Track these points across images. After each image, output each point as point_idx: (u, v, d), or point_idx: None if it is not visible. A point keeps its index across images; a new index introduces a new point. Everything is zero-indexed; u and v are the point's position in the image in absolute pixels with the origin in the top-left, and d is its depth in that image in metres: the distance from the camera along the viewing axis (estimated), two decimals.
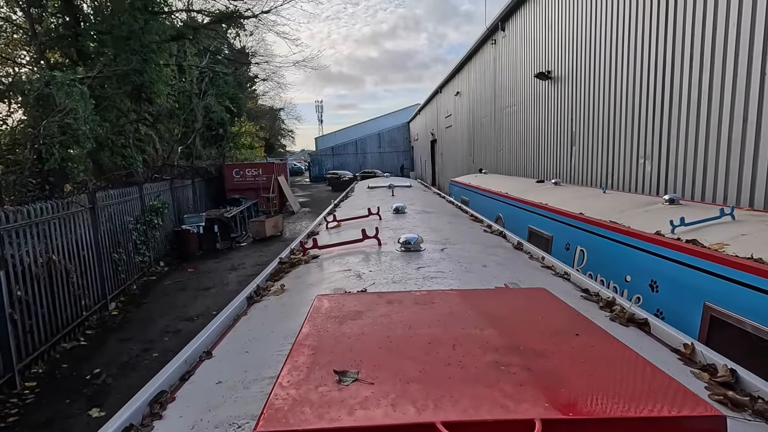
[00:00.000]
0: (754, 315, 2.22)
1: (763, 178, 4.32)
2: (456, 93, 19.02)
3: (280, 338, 1.42)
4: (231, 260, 11.35)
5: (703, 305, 2.57)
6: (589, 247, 3.92)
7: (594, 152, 7.71)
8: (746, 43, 4.45)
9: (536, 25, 10.01)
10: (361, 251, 2.47)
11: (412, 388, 0.84)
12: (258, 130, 29.18)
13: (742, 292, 2.34)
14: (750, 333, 2.22)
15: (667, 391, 0.81)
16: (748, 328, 2.24)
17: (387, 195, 5.55)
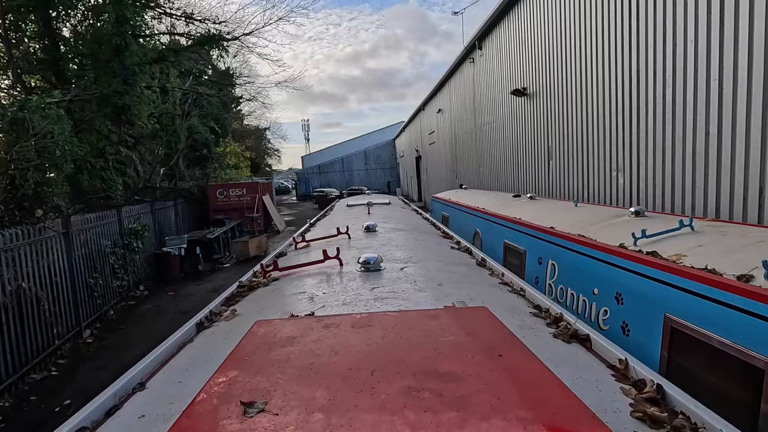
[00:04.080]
0: (709, 325, 2.25)
1: (726, 188, 4.43)
2: (438, 110, 19.33)
3: (215, 367, 1.39)
4: (213, 282, 11.18)
5: (663, 317, 2.60)
6: (559, 260, 3.95)
7: (569, 166, 7.85)
8: (704, 61, 4.62)
9: (511, 44, 10.29)
10: (322, 272, 2.45)
11: (314, 418, 0.83)
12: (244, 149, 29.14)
13: (698, 302, 2.36)
14: (706, 343, 2.24)
15: (569, 413, 0.81)
16: (705, 338, 2.26)
17: (363, 213, 5.56)
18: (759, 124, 4.02)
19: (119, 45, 10.06)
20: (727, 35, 4.30)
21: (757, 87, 4.02)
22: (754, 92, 4.06)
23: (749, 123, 4.12)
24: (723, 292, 2.18)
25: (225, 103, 22.00)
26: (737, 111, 4.25)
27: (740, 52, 4.17)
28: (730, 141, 4.35)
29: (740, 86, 4.20)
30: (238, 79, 21.53)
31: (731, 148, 4.34)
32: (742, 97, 4.19)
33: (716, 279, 2.26)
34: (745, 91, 4.14)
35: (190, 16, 13.08)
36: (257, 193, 18.10)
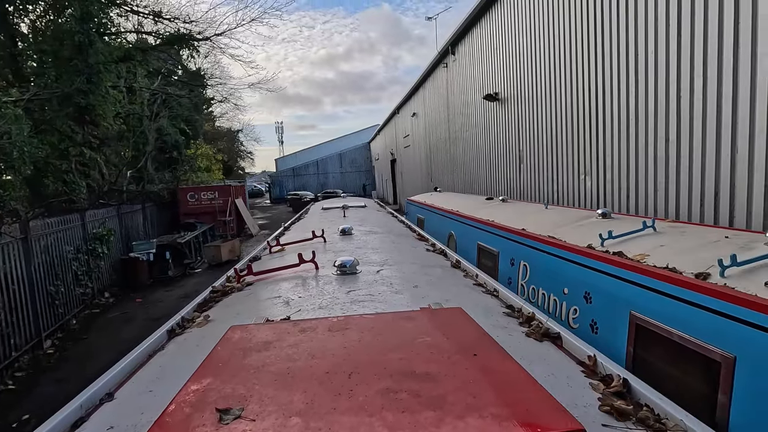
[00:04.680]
0: (671, 321, 2.36)
1: (684, 191, 4.67)
2: (413, 114, 19.50)
3: (189, 374, 1.35)
4: (184, 288, 10.87)
5: (629, 314, 2.71)
6: (530, 261, 4.05)
7: (539, 169, 8.07)
8: (663, 72, 4.86)
9: (483, 50, 10.52)
10: (297, 276, 2.43)
11: (292, 423, 0.83)
12: (216, 152, 28.50)
13: (661, 300, 2.48)
14: (668, 338, 2.35)
15: (541, 408, 0.84)
16: (667, 333, 2.37)
17: (339, 216, 5.54)
18: (713, 132, 4.26)
19: (82, 42, 9.67)
20: (684, 49, 4.54)
21: (711, 98, 4.26)
22: (709, 102, 4.30)
23: (705, 131, 4.36)
24: (683, 290, 2.29)
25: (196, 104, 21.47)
26: (694, 119, 4.49)
27: (696, 64, 4.41)
28: (688, 148, 4.58)
29: (696, 97, 4.44)
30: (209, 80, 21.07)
31: (689, 154, 4.58)
32: (698, 107, 4.43)
33: (677, 277, 2.38)
34: (701, 101, 4.38)
35: (158, 15, 12.73)
36: (230, 196, 17.73)
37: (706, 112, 4.34)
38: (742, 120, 3.97)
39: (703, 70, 4.33)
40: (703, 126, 4.38)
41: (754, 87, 3.84)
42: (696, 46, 4.40)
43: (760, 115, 3.80)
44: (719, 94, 4.18)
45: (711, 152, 4.31)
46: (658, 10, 4.87)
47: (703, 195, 4.41)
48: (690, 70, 4.50)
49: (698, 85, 4.41)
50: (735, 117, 4.04)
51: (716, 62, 4.18)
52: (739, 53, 3.95)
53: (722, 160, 4.19)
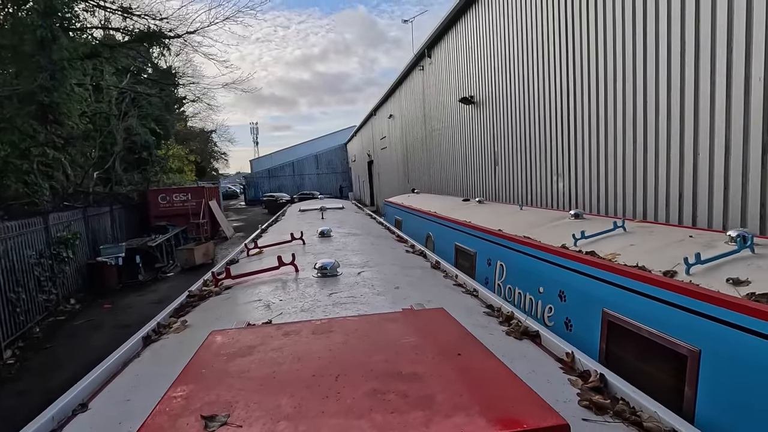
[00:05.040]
0: (641, 317, 2.46)
1: (651, 192, 4.87)
2: (389, 116, 19.58)
3: (169, 381, 1.32)
4: (156, 293, 10.55)
5: (601, 311, 2.80)
6: (507, 261, 4.14)
7: (514, 171, 8.25)
8: (630, 78, 5.06)
9: (459, 54, 10.67)
10: (277, 279, 2.40)
11: (281, 427, 0.82)
12: (188, 153, 27.75)
13: (631, 297, 2.58)
14: (638, 334, 2.45)
15: (526, 405, 0.86)
16: (637, 329, 2.47)
17: (317, 218, 5.50)
18: (677, 137, 4.47)
19: (45, 37, 9.25)
20: (650, 57, 4.74)
21: (675, 105, 4.47)
22: (673, 109, 4.50)
23: (670, 136, 4.57)
24: (652, 287, 2.39)
25: (167, 103, 20.88)
26: (659, 125, 4.69)
27: (661, 70, 4.62)
28: (654, 152, 4.79)
29: (661, 104, 4.64)
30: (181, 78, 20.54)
31: (655, 157, 4.78)
32: (663, 113, 4.63)
33: (646, 275, 2.48)
34: (666, 108, 4.59)
35: (127, 11, 12.31)
36: (203, 197, 17.32)
37: (671, 119, 4.54)
38: (703, 127, 4.18)
39: (668, 78, 4.54)
40: (668, 131, 4.59)
41: (713, 98, 4.05)
42: (660, 55, 4.60)
43: (719, 123, 4.01)
44: (682, 103, 4.39)
45: (675, 156, 4.51)
46: (625, 18, 5.07)
47: (669, 196, 4.62)
48: (655, 78, 4.70)
49: (663, 92, 4.62)
50: (696, 124, 4.24)
51: (679, 72, 4.39)
52: (699, 65, 4.16)
53: (685, 164, 4.40)
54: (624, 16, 5.09)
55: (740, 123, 3.82)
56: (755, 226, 3.71)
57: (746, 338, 1.86)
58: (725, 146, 3.97)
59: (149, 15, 12.49)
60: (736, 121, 3.87)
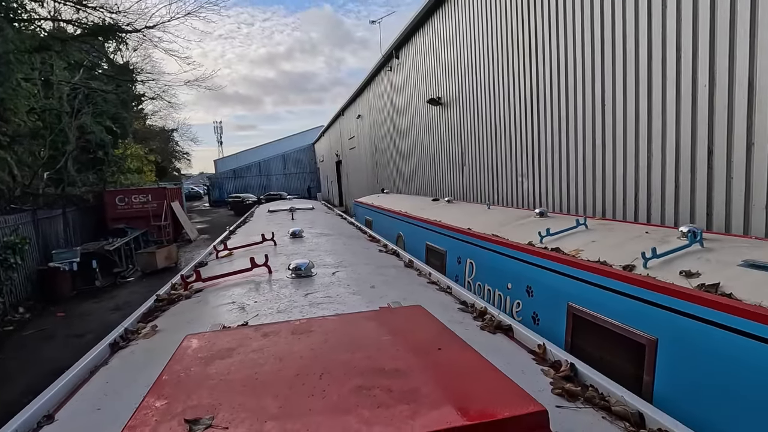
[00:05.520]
0: (603, 310, 2.59)
1: (610, 191, 5.13)
2: (358, 116, 19.56)
3: (143, 388, 1.28)
4: (115, 299, 10.06)
5: (567, 305, 2.93)
6: (476, 259, 4.24)
7: (481, 171, 8.46)
8: (590, 82, 5.31)
9: (426, 55, 10.82)
10: (250, 281, 2.36)
11: (268, 426, 0.82)
12: (147, 152, 26.59)
13: (594, 291, 2.71)
14: (601, 326, 2.58)
15: (506, 394, 0.90)
16: (600, 321, 2.60)
17: (287, 219, 5.43)
18: (633, 138, 4.73)
19: None
20: (607, 61, 5.00)
21: (631, 109, 4.73)
22: (629, 112, 4.76)
23: (626, 138, 4.83)
24: (613, 281, 2.53)
25: (124, 100, 19.94)
26: (617, 127, 4.95)
27: (617, 77, 4.87)
28: (612, 152, 5.05)
29: (618, 107, 4.90)
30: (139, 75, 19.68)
31: (613, 158, 5.04)
32: (620, 116, 4.89)
33: (607, 270, 2.62)
34: (622, 111, 4.84)
35: (80, 2, 11.65)
36: (165, 199, 16.67)
37: (627, 122, 4.80)
38: (656, 130, 4.44)
39: (623, 84, 4.80)
40: (624, 134, 4.85)
41: (664, 103, 4.31)
42: (617, 62, 4.86)
43: (670, 127, 4.28)
44: (637, 107, 4.65)
45: (631, 158, 4.78)
46: (584, 23, 5.31)
47: (626, 195, 4.88)
48: (612, 84, 4.96)
49: (619, 97, 4.87)
50: (650, 127, 4.51)
51: (634, 78, 4.65)
52: (652, 72, 4.42)
53: (640, 165, 4.66)
54: (583, 25, 5.33)
55: (688, 127, 4.10)
56: (703, 222, 3.99)
57: (698, 326, 2.00)
58: (675, 148, 4.25)
59: (104, 8, 11.90)
60: (684, 125, 4.14)
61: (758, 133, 3.52)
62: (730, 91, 3.71)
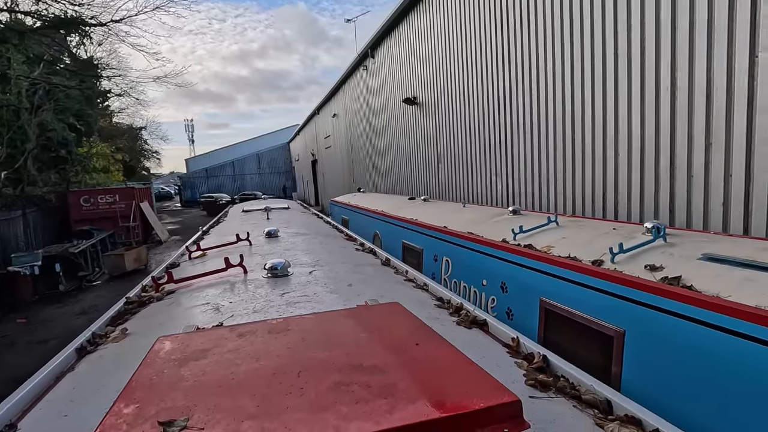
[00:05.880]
0: (573, 303, 2.68)
1: (579, 190, 5.29)
2: (333, 115, 19.45)
3: (113, 393, 1.24)
4: (81, 303, 9.66)
5: (539, 300, 3.01)
6: (452, 256, 4.30)
7: (456, 170, 8.57)
8: (560, 83, 5.47)
9: (401, 55, 10.86)
10: (224, 281, 2.32)
11: (245, 426, 0.81)
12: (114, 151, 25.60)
13: (565, 286, 2.80)
14: (572, 319, 2.67)
15: (482, 386, 0.93)
16: (571, 315, 2.69)
17: (262, 218, 5.35)
18: (601, 139, 4.90)
19: None
20: (576, 65, 5.15)
21: (599, 111, 4.89)
22: (597, 115, 4.93)
23: (594, 138, 5.00)
24: (583, 276, 2.61)
25: (89, 97, 19.12)
26: (585, 128, 5.11)
27: (586, 80, 5.03)
28: (581, 152, 5.21)
29: (587, 108, 5.06)
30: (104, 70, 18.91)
31: (582, 157, 5.21)
32: (588, 118, 5.06)
33: (578, 265, 2.71)
34: (590, 113, 5.01)
35: None
36: (133, 199, 16.12)
37: (595, 123, 4.97)
38: (622, 132, 4.62)
39: (592, 87, 4.96)
40: (593, 135, 5.01)
41: (630, 105, 4.49)
42: (585, 66, 5.02)
43: (635, 128, 4.45)
44: (605, 109, 4.82)
45: (599, 157, 4.95)
46: (554, 26, 5.46)
47: (594, 193, 5.05)
48: (581, 87, 5.12)
49: (588, 100, 5.04)
50: (617, 128, 4.68)
51: (601, 81, 4.81)
52: (618, 75, 4.59)
53: (608, 164, 4.84)
54: (553, 28, 5.48)
55: (652, 128, 4.28)
56: (666, 218, 4.17)
57: (662, 317, 2.10)
58: (640, 149, 4.42)
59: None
60: (648, 127, 4.32)
61: (715, 134, 3.72)
62: (690, 94, 3.89)
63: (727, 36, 3.54)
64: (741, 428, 1.73)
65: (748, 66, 3.42)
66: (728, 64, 3.55)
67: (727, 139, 3.63)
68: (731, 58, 3.53)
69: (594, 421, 1.03)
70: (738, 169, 3.56)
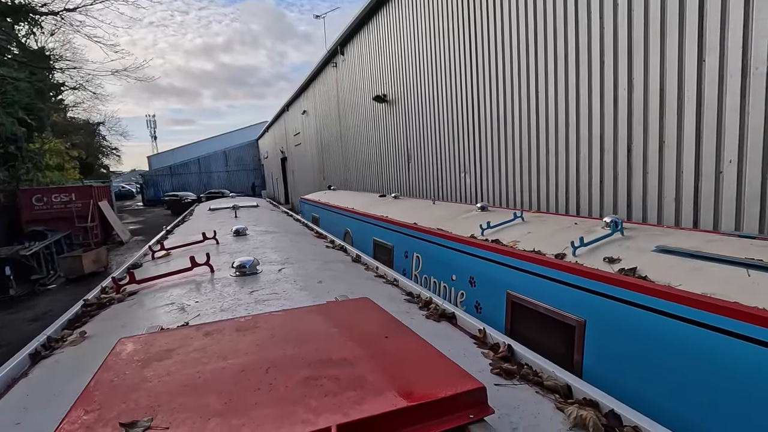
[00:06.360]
0: (538, 296, 2.78)
1: (543, 186, 5.47)
2: (303, 112, 19.21)
3: (70, 398, 1.19)
4: (34, 308, 9.13)
5: (506, 293, 3.10)
6: (423, 253, 4.35)
7: (426, 168, 8.66)
8: (524, 84, 5.62)
9: (371, 53, 10.86)
10: (190, 281, 2.26)
11: (212, 423, 0.80)
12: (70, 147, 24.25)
13: (530, 279, 2.90)
14: (537, 311, 2.76)
15: (448, 375, 0.95)
16: (535, 307, 2.78)
17: (230, 217, 5.23)
18: (564, 138, 5.08)
19: None
20: (540, 66, 5.32)
21: (561, 108, 5.07)
22: (560, 114, 5.11)
23: (557, 137, 5.18)
24: (546, 269, 2.71)
25: (40, 90, 18.04)
26: (549, 127, 5.29)
27: (549, 81, 5.20)
28: (545, 150, 5.39)
29: (551, 109, 5.24)
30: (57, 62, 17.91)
31: (546, 156, 5.39)
32: (552, 117, 5.23)
33: (541, 258, 2.81)
34: (554, 112, 5.18)
35: None
36: (91, 198, 15.36)
37: (558, 123, 5.15)
38: (583, 131, 4.81)
39: (555, 88, 5.13)
40: (556, 134, 5.19)
41: (591, 105, 4.68)
42: (549, 67, 5.18)
43: (596, 128, 4.65)
44: (567, 109, 5.00)
45: (562, 154, 5.13)
46: (519, 28, 5.61)
47: (558, 189, 5.23)
48: (545, 88, 5.29)
49: (551, 101, 5.21)
50: (578, 129, 4.87)
51: (564, 82, 4.99)
52: (580, 76, 4.77)
53: (570, 162, 5.02)
54: (519, 30, 5.63)
55: (611, 127, 4.48)
56: (624, 213, 4.38)
57: (619, 307, 2.21)
58: (600, 147, 4.62)
59: None
60: (608, 125, 4.52)
61: (668, 133, 3.93)
62: (645, 95, 4.10)
63: (678, 40, 3.75)
64: (692, 406, 1.85)
65: (697, 69, 3.63)
66: (679, 66, 3.77)
67: (678, 138, 3.85)
68: (682, 61, 3.74)
69: (555, 405, 1.08)
70: (688, 167, 3.79)
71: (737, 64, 3.36)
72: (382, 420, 0.80)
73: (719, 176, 3.58)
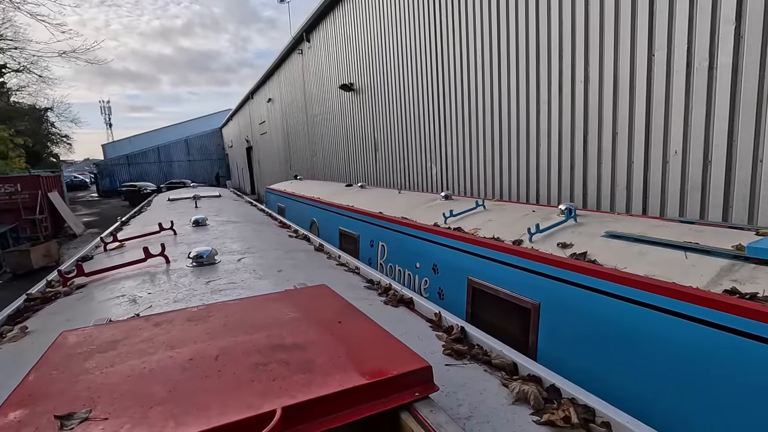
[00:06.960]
0: (496, 281, 2.87)
1: (506, 177, 5.62)
2: (268, 100, 18.74)
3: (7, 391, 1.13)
4: None
5: (467, 279, 3.19)
6: (388, 241, 4.39)
7: (393, 158, 8.69)
8: (488, 80, 5.72)
9: (338, 40, 10.69)
10: (144, 273, 2.18)
11: (155, 411, 0.79)
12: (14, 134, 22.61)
13: (489, 265, 2.98)
14: (495, 296, 2.86)
15: (397, 356, 0.97)
16: (494, 291, 2.88)
17: (190, 207, 5.07)
18: (525, 129, 5.22)
19: None
20: (503, 62, 5.41)
21: (522, 101, 5.20)
22: (521, 107, 5.23)
23: (519, 130, 5.31)
24: (504, 254, 2.80)
25: None
26: (511, 119, 5.41)
27: (512, 75, 5.31)
28: (507, 142, 5.52)
29: (512, 99, 5.35)
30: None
31: (508, 147, 5.52)
32: (513, 110, 5.35)
33: (500, 245, 2.89)
34: (515, 106, 5.31)
35: None
36: (39, 188, 14.46)
37: (519, 113, 5.28)
38: (543, 125, 4.95)
39: (516, 81, 5.25)
40: (518, 126, 5.32)
41: (550, 96, 4.82)
42: (511, 59, 5.29)
43: (554, 118, 4.80)
44: (528, 102, 5.13)
45: (523, 147, 5.27)
46: (483, 21, 5.68)
47: (519, 178, 5.39)
48: (507, 78, 5.39)
49: (513, 94, 5.33)
50: (538, 120, 5.01)
51: (525, 75, 5.11)
52: (540, 68, 4.90)
53: (531, 152, 5.17)
54: (482, 23, 5.69)
55: (568, 119, 4.63)
56: (580, 201, 4.57)
57: (570, 290, 2.32)
58: (559, 138, 4.78)
59: None
60: (565, 117, 4.67)
61: (620, 124, 4.12)
62: (600, 87, 4.26)
63: (630, 34, 3.91)
64: (635, 378, 1.98)
65: (647, 63, 3.81)
66: (631, 60, 3.93)
67: (629, 129, 4.04)
68: (633, 55, 3.91)
69: (501, 381, 1.13)
70: (638, 157, 3.99)
71: (683, 60, 3.55)
72: (327, 401, 0.81)
73: (666, 166, 3.79)
